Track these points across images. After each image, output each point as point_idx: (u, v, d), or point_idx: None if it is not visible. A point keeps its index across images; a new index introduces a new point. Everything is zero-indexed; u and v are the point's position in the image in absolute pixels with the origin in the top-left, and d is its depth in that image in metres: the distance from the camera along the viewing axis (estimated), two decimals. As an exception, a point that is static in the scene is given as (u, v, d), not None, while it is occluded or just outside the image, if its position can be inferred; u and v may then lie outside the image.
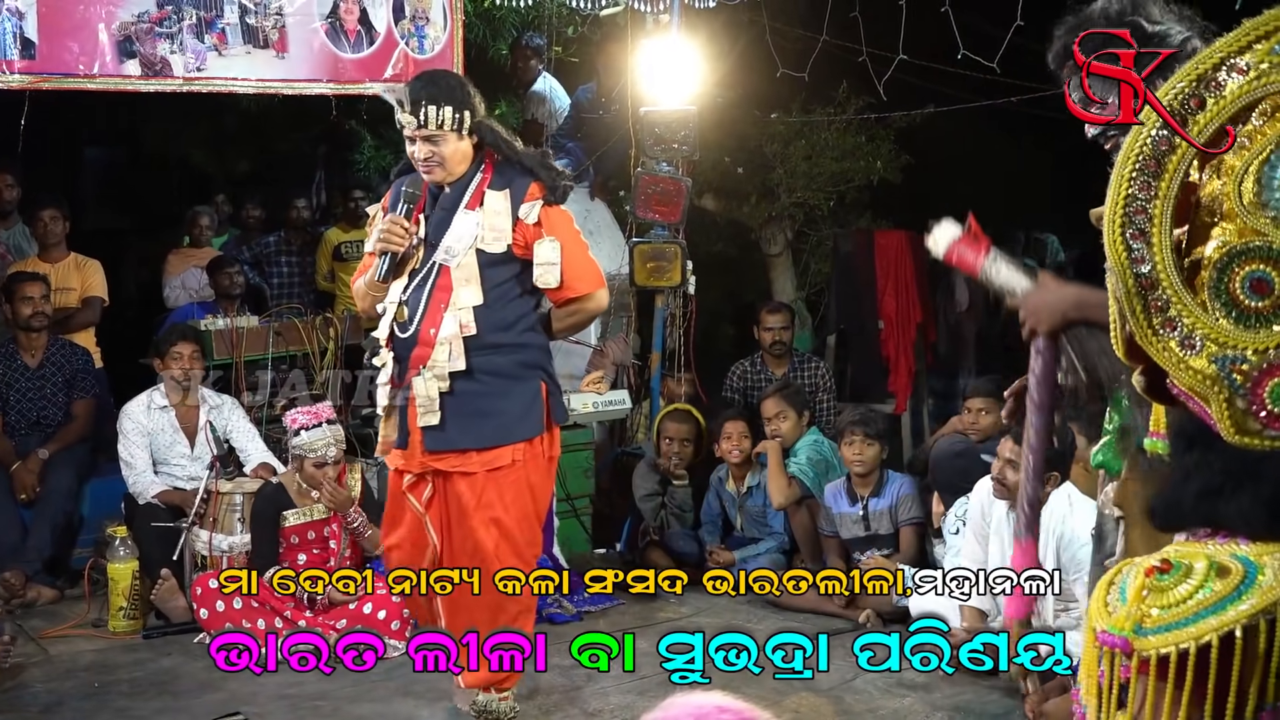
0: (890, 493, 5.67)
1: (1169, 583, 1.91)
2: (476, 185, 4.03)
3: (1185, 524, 2.02)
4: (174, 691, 4.73)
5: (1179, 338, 1.90)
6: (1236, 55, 1.91)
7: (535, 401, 4.05)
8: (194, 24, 5.78)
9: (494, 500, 4.01)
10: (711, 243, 8.97)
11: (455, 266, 3.96)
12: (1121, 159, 1.96)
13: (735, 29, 7.96)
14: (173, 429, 5.97)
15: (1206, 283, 1.90)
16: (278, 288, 8.39)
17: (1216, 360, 1.87)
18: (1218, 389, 1.87)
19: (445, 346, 3.92)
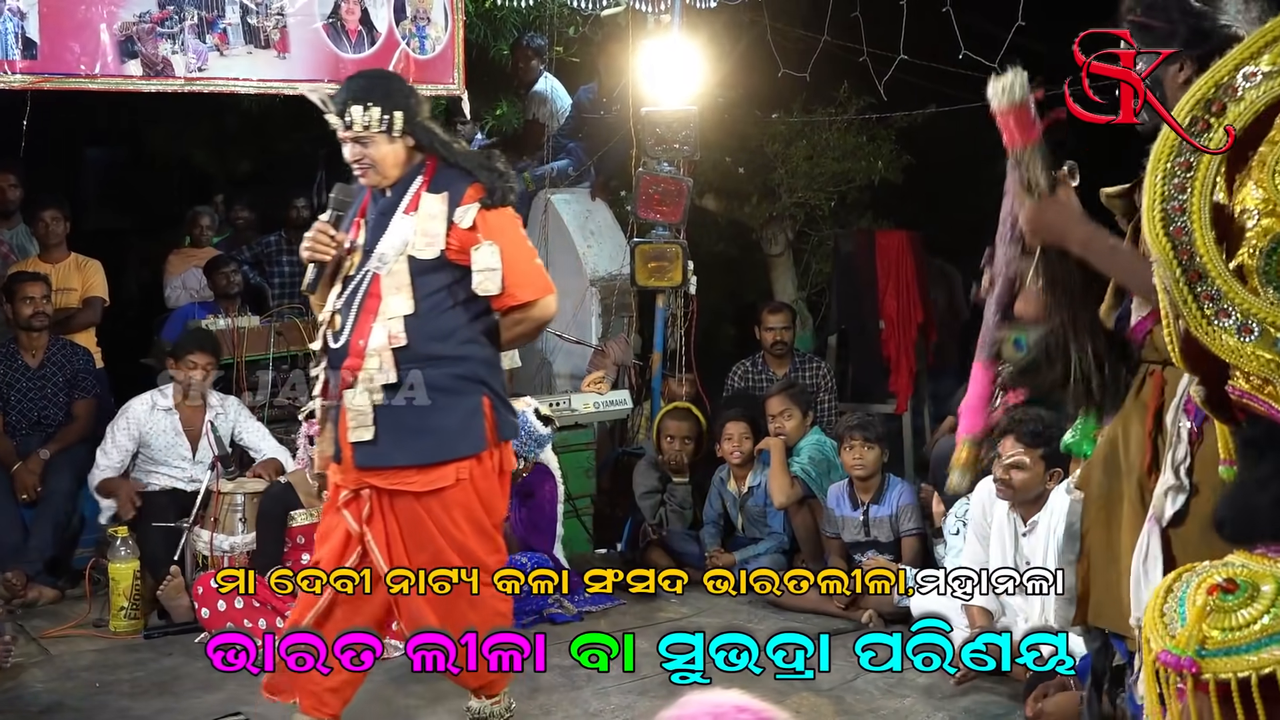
0: (891, 501, 5.65)
1: (1234, 604, 1.85)
2: (415, 189, 3.82)
3: (1259, 536, 1.95)
4: (175, 692, 4.72)
5: (1234, 325, 1.88)
6: (1251, 61, 1.94)
7: (476, 417, 3.80)
8: (195, 24, 5.78)
9: (448, 524, 3.84)
10: (713, 243, 8.96)
11: (386, 274, 3.75)
12: (1154, 156, 1.97)
13: (736, 29, 7.96)
14: (174, 431, 5.97)
15: (1255, 269, 1.89)
16: (279, 287, 8.38)
17: (1277, 343, 1.86)
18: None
19: (375, 358, 3.71)
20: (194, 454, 5.98)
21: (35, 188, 7.38)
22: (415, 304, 3.73)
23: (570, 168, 7.96)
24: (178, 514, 5.67)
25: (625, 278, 7.22)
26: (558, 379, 7.66)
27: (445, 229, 3.73)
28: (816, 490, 5.98)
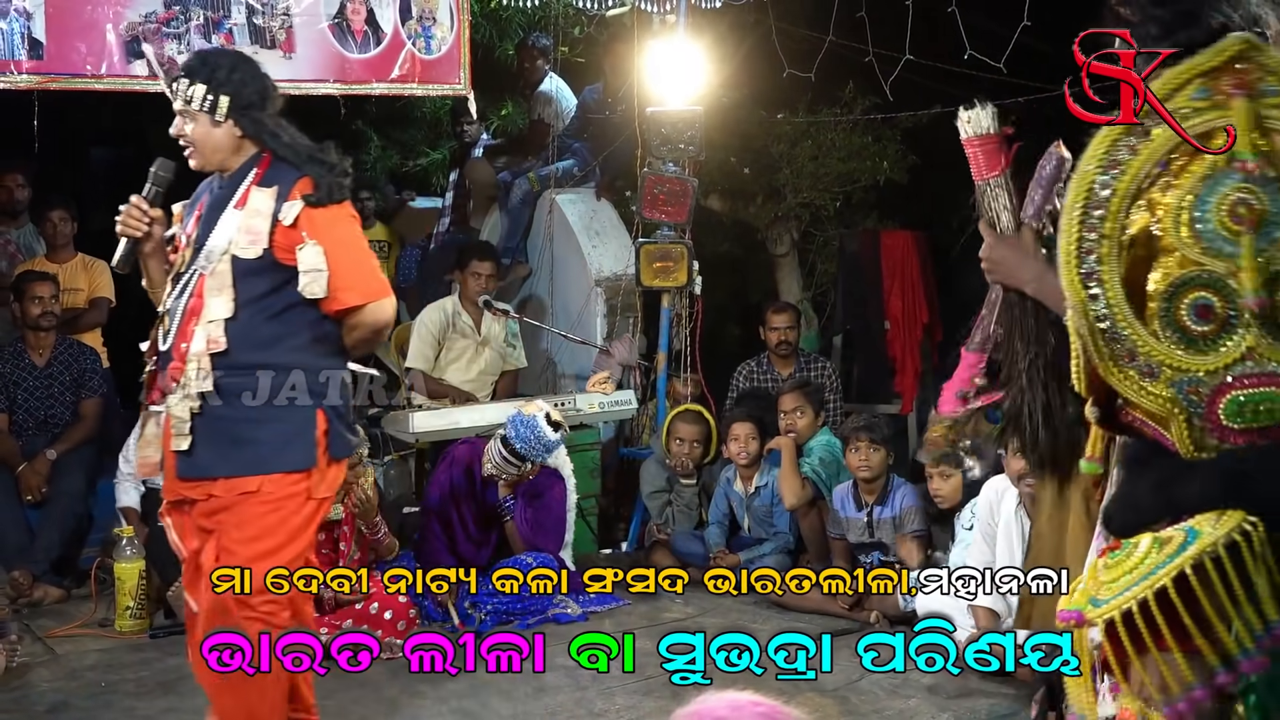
0: (895, 503, 5.63)
1: (1118, 559, 2.03)
2: (247, 184, 3.57)
3: (1144, 520, 2.09)
4: (180, 691, 4.72)
5: (1139, 368, 2.04)
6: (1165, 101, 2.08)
7: (304, 432, 3.50)
8: (201, 24, 5.79)
9: (230, 527, 3.52)
10: (717, 243, 8.95)
11: (210, 274, 3.48)
12: (1069, 203, 2.09)
13: (741, 29, 7.96)
14: None
15: (1156, 313, 2.04)
16: (284, 288, 8.38)
17: (1174, 384, 2.02)
18: (1177, 410, 2.02)
19: (194, 363, 3.44)
20: None
21: (42, 188, 7.40)
22: (236, 307, 3.46)
23: (575, 168, 7.97)
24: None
25: (630, 278, 7.22)
26: (563, 379, 7.67)
27: (270, 226, 3.48)
28: (826, 491, 5.97)
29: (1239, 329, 2.00)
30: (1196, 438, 2.02)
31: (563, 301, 7.80)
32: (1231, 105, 2.05)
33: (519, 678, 4.70)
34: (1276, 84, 2.08)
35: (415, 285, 8.41)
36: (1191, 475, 2.04)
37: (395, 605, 5.18)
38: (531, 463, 5.63)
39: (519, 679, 4.69)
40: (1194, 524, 2.00)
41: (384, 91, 6.48)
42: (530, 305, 7.98)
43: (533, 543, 5.64)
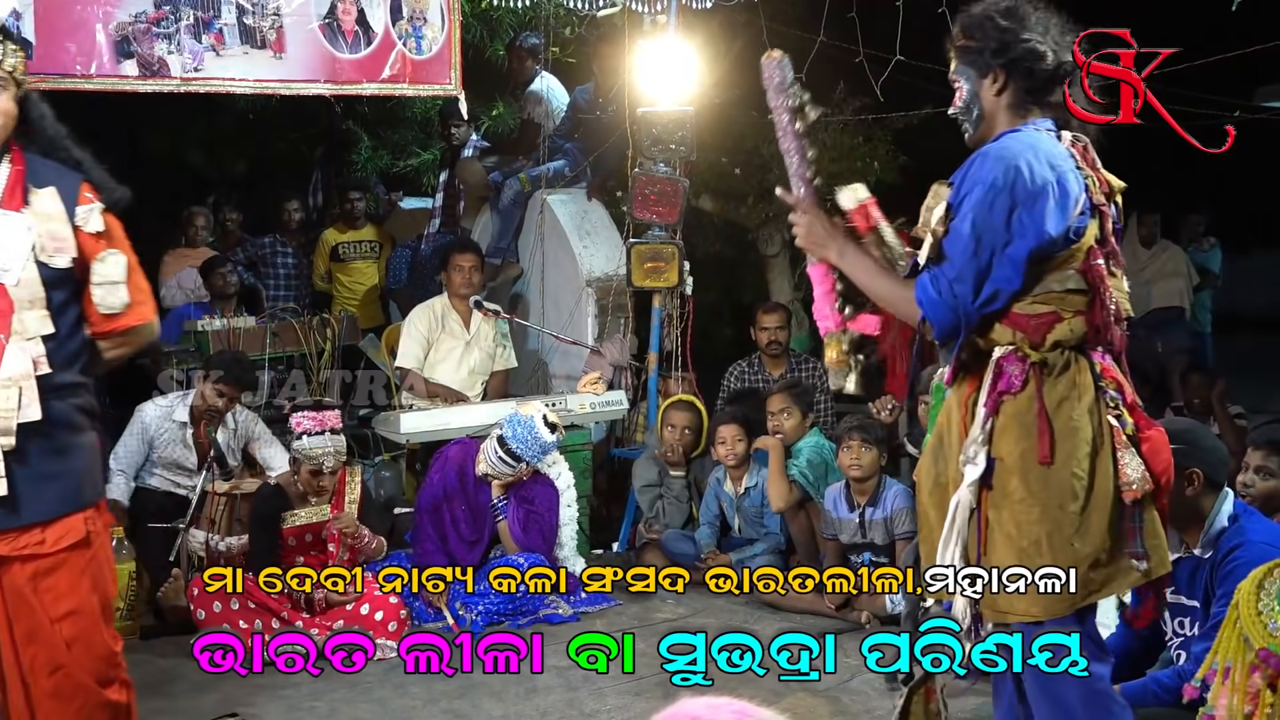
0: (887, 503, 5.64)
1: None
2: (8, 179, 3.11)
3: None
4: (170, 693, 4.72)
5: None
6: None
7: (96, 455, 3.21)
8: (191, 24, 5.78)
9: (65, 590, 3.06)
10: (709, 243, 8.98)
11: (14, 284, 3.03)
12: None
13: (732, 30, 7.97)
14: (183, 444, 5.91)
15: None
16: (274, 288, 8.39)
17: None
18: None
19: (13, 390, 3.00)
20: (199, 466, 5.94)
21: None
22: (54, 322, 3.09)
23: (566, 168, 7.97)
24: (174, 514, 5.66)
25: (621, 278, 7.22)
26: (554, 380, 7.67)
27: (71, 232, 3.11)
28: (814, 493, 5.97)
29: None
30: None
31: (554, 302, 7.80)
32: None
33: (511, 678, 4.69)
34: None
35: (405, 286, 8.41)
36: None
37: (386, 606, 5.18)
38: (527, 463, 5.63)
39: (511, 680, 4.69)
40: None
41: (375, 92, 6.48)
42: (521, 305, 7.97)
43: (525, 544, 5.64)
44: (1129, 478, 2.84)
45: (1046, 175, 2.80)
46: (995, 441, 2.90)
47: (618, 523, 6.88)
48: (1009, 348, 2.92)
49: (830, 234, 3.08)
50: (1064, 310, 2.90)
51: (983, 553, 2.92)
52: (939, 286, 2.89)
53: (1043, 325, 2.90)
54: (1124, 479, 2.85)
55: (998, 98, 2.98)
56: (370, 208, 9.19)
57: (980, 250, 2.84)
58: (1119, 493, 2.85)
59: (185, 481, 5.92)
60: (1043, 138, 2.88)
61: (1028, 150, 2.83)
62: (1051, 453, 2.84)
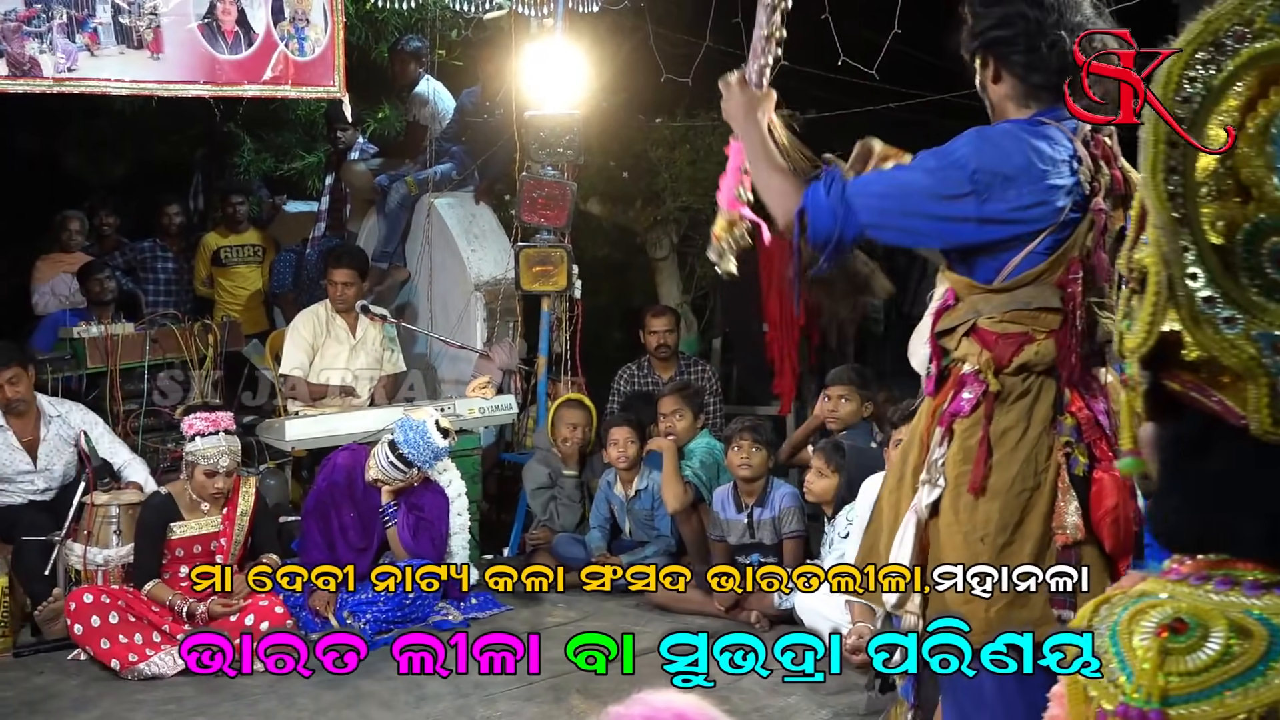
0: (774, 503, 5.70)
1: (1187, 644, 1.69)
2: None
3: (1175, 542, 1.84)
4: (47, 711, 4.60)
5: (1219, 315, 1.70)
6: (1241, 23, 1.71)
7: None
8: (64, 23, 5.63)
9: None
10: (597, 247, 8.97)
11: None
12: (1152, 123, 1.77)
13: (619, 34, 7.98)
14: (8, 447, 5.77)
15: (1238, 258, 1.71)
16: (154, 294, 8.21)
17: (1257, 339, 1.69)
18: (1261, 371, 1.68)
19: None
20: (35, 464, 5.79)
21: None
22: None
23: (454, 171, 7.92)
24: (52, 526, 5.50)
25: (510, 282, 7.19)
26: (443, 384, 7.61)
27: None
28: (707, 494, 6.02)
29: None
30: (1275, 407, 1.69)
31: (442, 306, 7.75)
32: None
33: (400, 687, 4.65)
34: None
35: (290, 291, 8.29)
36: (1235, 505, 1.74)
37: (271, 616, 5.09)
38: (418, 469, 5.59)
39: (400, 688, 4.65)
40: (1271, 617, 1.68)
41: (256, 93, 6.37)
42: (409, 309, 7.91)
43: (414, 550, 5.59)
44: (1062, 522, 2.65)
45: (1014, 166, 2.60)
46: (946, 462, 2.74)
47: (508, 528, 6.85)
48: (971, 365, 2.72)
49: (747, 109, 3.04)
50: (1036, 330, 2.69)
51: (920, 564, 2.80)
52: (833, 191, 2.73)
53: (1011, 346, 2.69)
54: (1057, 522, 2.66)
55: (996, 85, 2.76)
56: (253, 211, 9.04)
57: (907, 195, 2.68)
58: (1050, 536, 2.67)
59: (30, 486, 5.78)
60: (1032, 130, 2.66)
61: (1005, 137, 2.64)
62: (983, 484, 2.68)
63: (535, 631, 4.75)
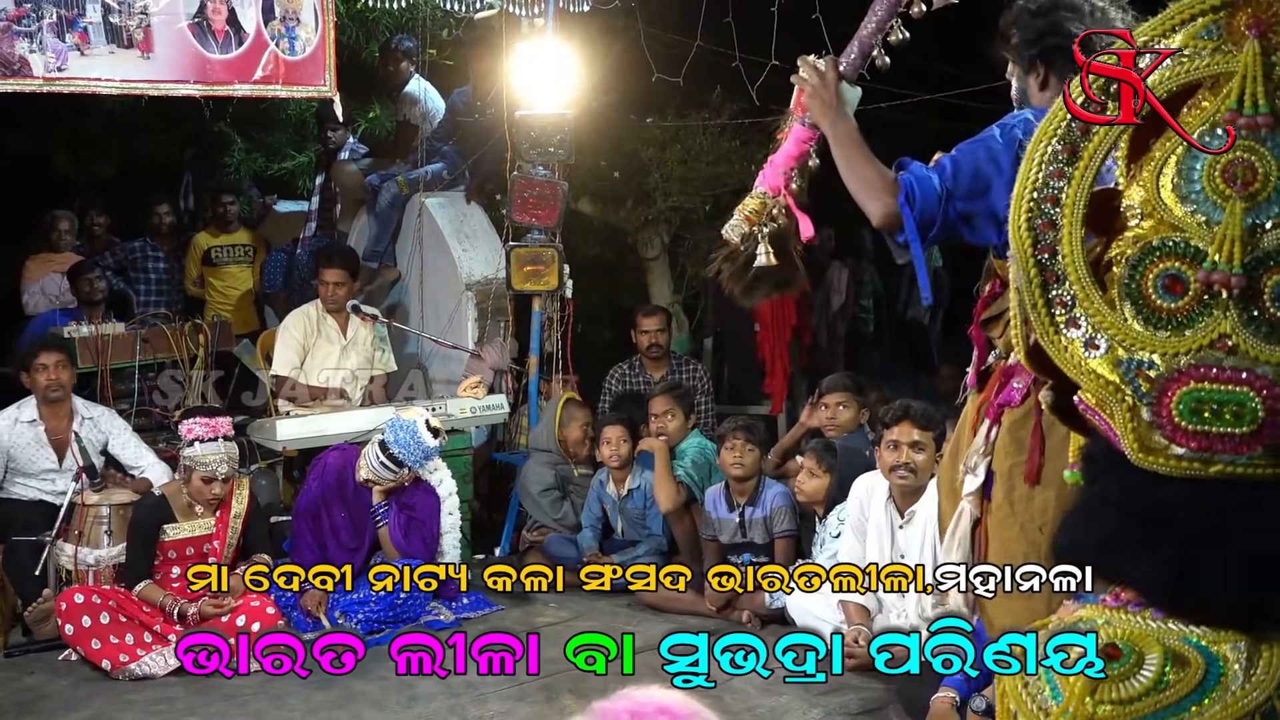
0: (766, 503, 5.70)
1: (1120, 671, 1.69)
2: None
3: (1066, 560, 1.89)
4: (38, 711, 4.58)
5: (1082, 337, 1.72)
6: (1161, 38, 1.79)
7: None
8: (54, 22, 5.62)
9: None
10: (588, 246, 8.98)
11: None
12: (1035, 141, 1.83)
13: (610, 33, 7.98)
14: (37, 443, 5.77)
15: (1118, 279, 1.73)
16: (144, 294, 8.19)
17: (1121, 364, 1.69)
18: (1120, 396, 1.69)
19: None
20: (60, 464, 5.79)
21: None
22: None
23: (445, 171, 7.91)
24: (45, 526, 5.49)
25: (501, 281, 7.20)
26: (434, 384, 7.60)
27: None
28: (699, 494, 6.02)
29: (1214, 310, 1.66)
30: (1142, 434, 1.68)
31: (433, 305, 7.74)
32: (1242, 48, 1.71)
33: (391, 687, 4.65)
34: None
35: (281, 291, 8.28)
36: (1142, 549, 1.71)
37: (262, 616, 5.07)
38: (409, 469, 5.58)
39: (391, 688, 4.64)
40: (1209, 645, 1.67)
41: (246, 93, 6.36)
42: (400, 309, 7.90)
43: (406, 550, 5.59)
44: None
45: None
46: (995, 453, 2.75)
47: (499, 527, 6.85)
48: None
49: (841, 101, 2.97)
50: None
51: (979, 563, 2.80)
52: (931, 181, 2.76)
53: None
54: None
55: (1043, 92, 2.84)
56: (244, 211, 9.02)
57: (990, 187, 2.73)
58: None
59: (49, 485, 5.77)
60: None
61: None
62: (1038, 473, 2.66)
63: (532, 632, 4.73)
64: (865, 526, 5.02)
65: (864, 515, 5.03)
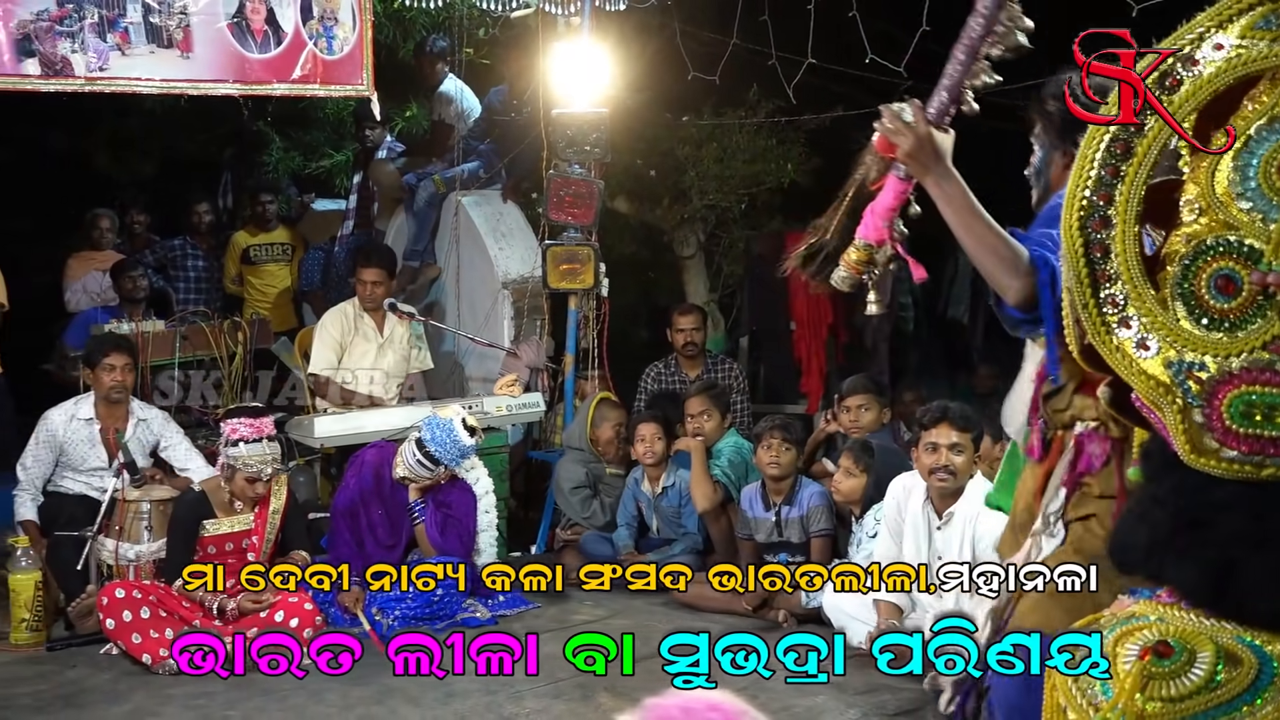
0: (803, 502, 5.69)
1: (1171, 669, 1.67)
2: None
3: (1138, 574, 1.84)
4: (80, 704, 4.62)
5: (1133, 338, 1.71)
6: (1219, 30, 1.74)
7: None
8: (96, 23, 5.68)
9: None
10: (624, 245, 8.98)
11: None
12: (1089, 139, 1.82)
13: (646, 32, 7.98)
14: (90, 441, 5.83)
15: (1170, 278, 1.72)
16: (184, 292, 8.26)
17: (1172, 366, 1.68)
18: (1171, 398, 1.68)
19: None
20: (110, 464, 5.83)
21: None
22: None
23: (481, 170, 7.94)
24: (88, 521, 5.55)
25: (537, 280, 7.21)
26: (470, 382, 7.63)
27: None
28: (735, 493, 6.01)
29: (1268, 312, 1.63)
30: (1194, 436, 1.67)
31: (469, 304, 7.77)
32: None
33: (427, 683, 4.67)
34: None
35: (319, 289, 8.33)
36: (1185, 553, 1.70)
37: (301, 613, 5.11)
38: (445, 467, 5.60)
39: (429, 685, 4.66)
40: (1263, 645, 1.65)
41: (285, 92, 6.40)
42: (437, 307, 7.93)
43: (442, 547, 5.61)
44: None
45: None
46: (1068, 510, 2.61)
47: (535, 525, 6.86)
48: (1092, 424, 2.52)
49: (939, 156, 2.67)
50: None
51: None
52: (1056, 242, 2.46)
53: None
54: None
55: (1066, 171, 2.55)
56: (282, 209, 9.08)
57: None
58: None
59: (97, 483, 5.82)
60: None
61: None
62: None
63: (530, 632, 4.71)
64: (902, 527, 5.00)
65: (901, 516, 5.01)
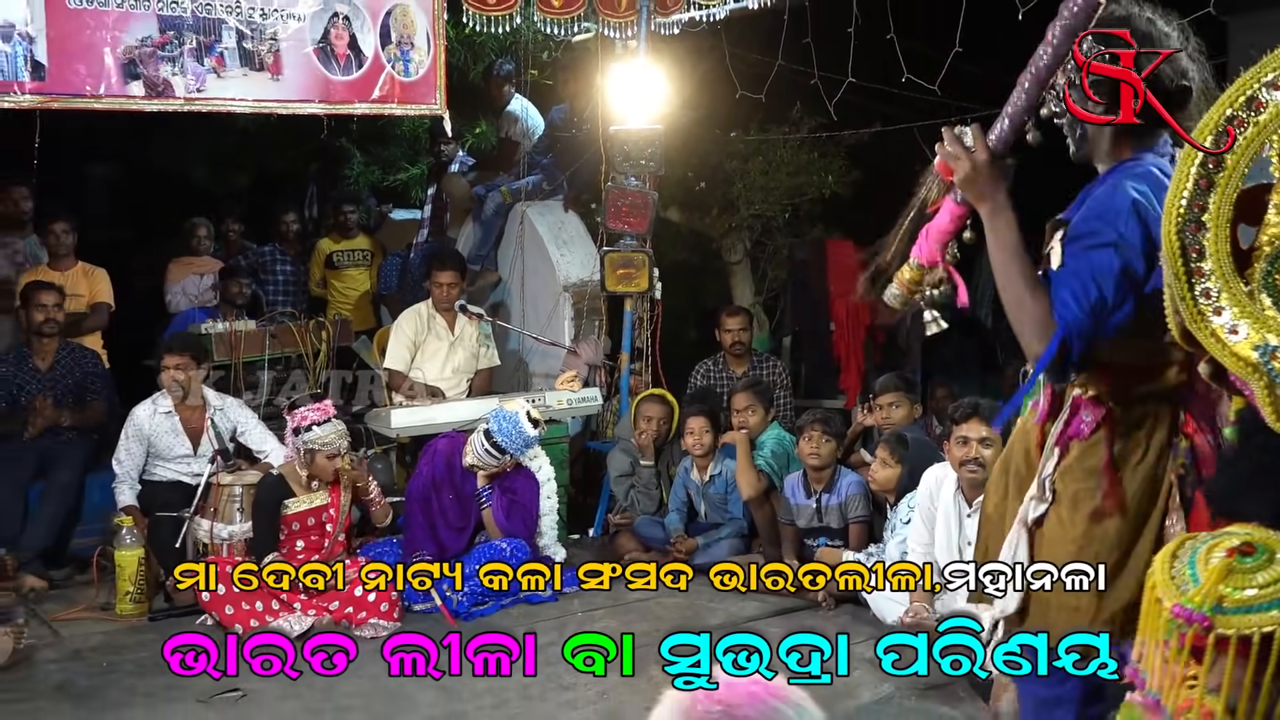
0: (841, 490, 5.67)
1: (1251, 566, 1.74)
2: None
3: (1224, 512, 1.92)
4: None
5: (1225, 325, 1.82)
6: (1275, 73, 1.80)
7: None
8: (194, 48, 5.76)
9: None
10: (676, 251, 8.98)
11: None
12: (1186, 154, 1.86)
13: (698, 54, 7.99)
14: (173, 431, 5.93)
15: (1258, 273, 1.82)
16: (273, 294, 8.35)
17: (1259, 348, 1.79)
18: (1258, 376, 1.80)
19: None
20: (195, 450, 5.94)
21: (44, 201, 7.32)
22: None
23: (544, 182, 7.97)
24: (182, 504, 5.64)
25: (596, 284, 7.24)
26: (534, 378, 7.67)
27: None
28: (777, 482, 6.00)
29: None
30: (1278, 406, 1.79)
31: (533, 305, 7.81)
32: None
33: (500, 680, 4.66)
34: None
35: (395, 292, 8.40)
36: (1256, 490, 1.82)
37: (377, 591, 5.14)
38: (511, 456, 5.63)
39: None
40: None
41: (365, 111, 6.45)
42: (503, 309, 7.97)
43: (508, 529, 5.64)
44: (1168, 538, 2.43)
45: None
46: (1058, 475, 2.58)
47: (593, 510, 6.89)
48: (1090, 391, 2.53)
49: (997, 186, 2.50)
50: (1160, 360, 2.46)
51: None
52: (1081, 304, 2.36)
53: (1134, 376, 2.49)
54: (1165, 538, 2.45)
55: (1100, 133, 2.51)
56: (363, 219, 9.16)
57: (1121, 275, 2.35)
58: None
59: (185, 469, 5.92)
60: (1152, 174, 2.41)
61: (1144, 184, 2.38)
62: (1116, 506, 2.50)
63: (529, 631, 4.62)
64: (934, 515, 4.96)
65: (933, 505, 4.98)
